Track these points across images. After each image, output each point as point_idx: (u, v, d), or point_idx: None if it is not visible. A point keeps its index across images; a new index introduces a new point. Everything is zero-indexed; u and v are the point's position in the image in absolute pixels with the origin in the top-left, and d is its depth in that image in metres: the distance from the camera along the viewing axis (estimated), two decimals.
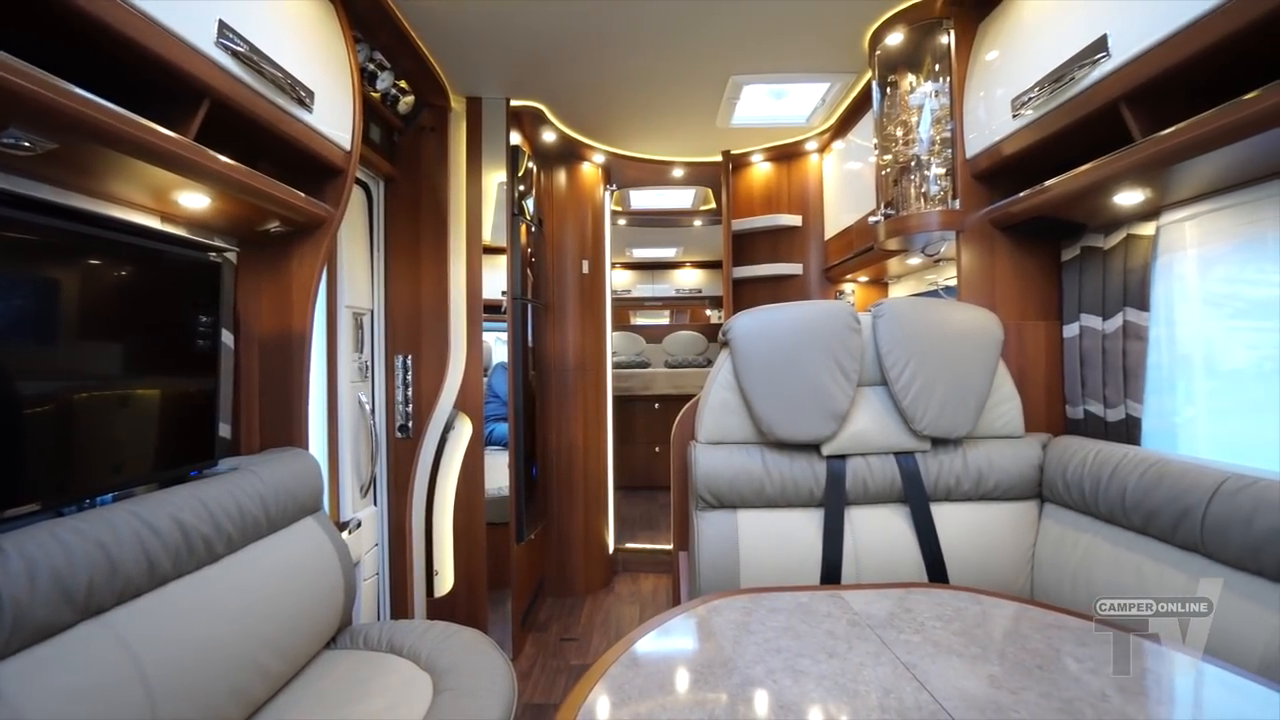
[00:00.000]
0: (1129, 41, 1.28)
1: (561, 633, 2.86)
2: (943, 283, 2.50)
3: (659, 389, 5.14)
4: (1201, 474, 1.23)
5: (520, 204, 2.82)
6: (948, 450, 1.60)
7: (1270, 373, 1.35)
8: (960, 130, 1.91)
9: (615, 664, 1.00)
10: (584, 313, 3.35)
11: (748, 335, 1.58)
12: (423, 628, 1.57)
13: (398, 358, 2.36)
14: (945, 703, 0.85)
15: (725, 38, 2.17)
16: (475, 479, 2.49)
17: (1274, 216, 1.32)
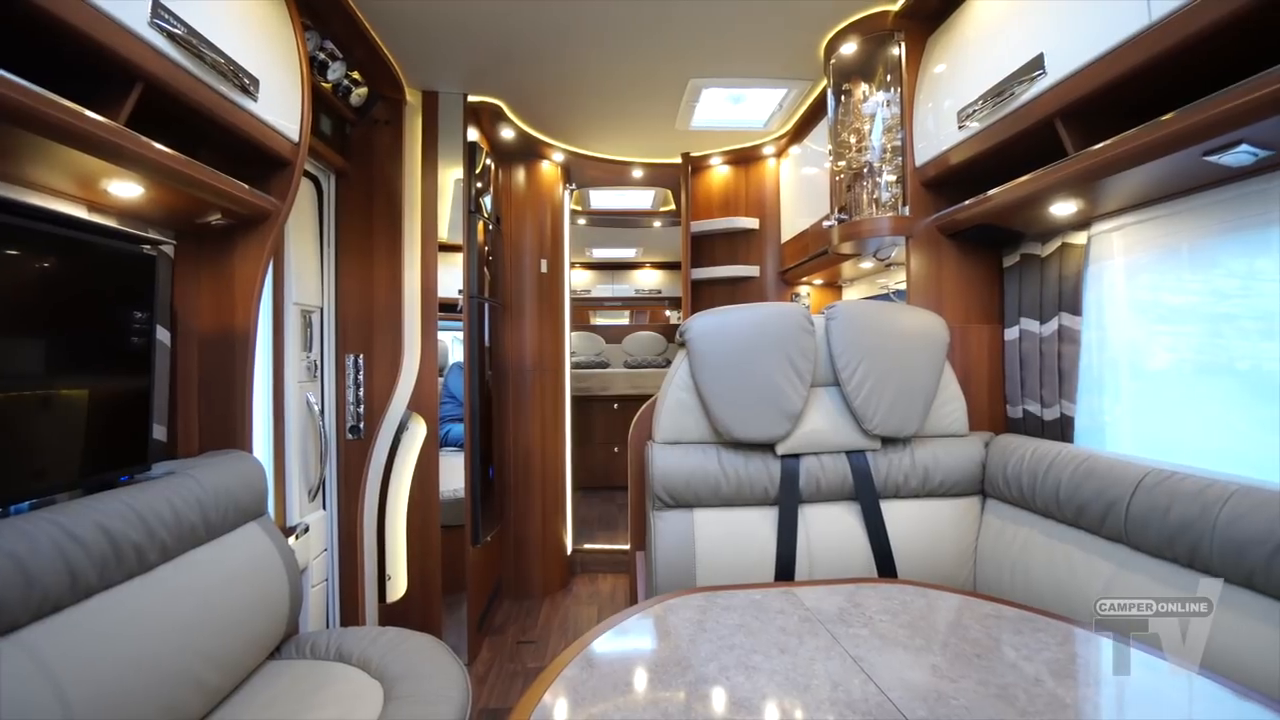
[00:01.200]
0: (1063, 61, 1.35)
1: (519, 635, 2.82)
2: (894, 286, 2.58)
3: (618, 389, 5.13)
4: (1126, 469, 1.31)
5: (478, 201, 2.77)
6: (897, 449, 1.65)
7: (1188, 374, 1.44)
8: (910, 139, 1.98)
9: (569, 666, 1.00)
10: (542, 312, 3.32)
11: (704, 336, 1.59)
12: (373, 634, 1.53)
13: (349, 357, 2.29)
14: (890, 693, 0.88)
15: (684, 40, 2.19)
16: (430, 481, 2.44)
17: (1188, 229, 1.41)
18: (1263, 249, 1.27)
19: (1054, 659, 1.00)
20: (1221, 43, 1.06)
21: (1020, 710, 0.84)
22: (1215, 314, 1.39)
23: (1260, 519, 1.03)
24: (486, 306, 2.90)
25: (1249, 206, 1.28)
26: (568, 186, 3.53)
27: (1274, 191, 1.23)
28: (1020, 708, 0.85)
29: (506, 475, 3.22)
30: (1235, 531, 1.06)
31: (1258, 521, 1.03)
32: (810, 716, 0.85)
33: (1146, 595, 1.20)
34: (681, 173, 3.31)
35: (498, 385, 3.16)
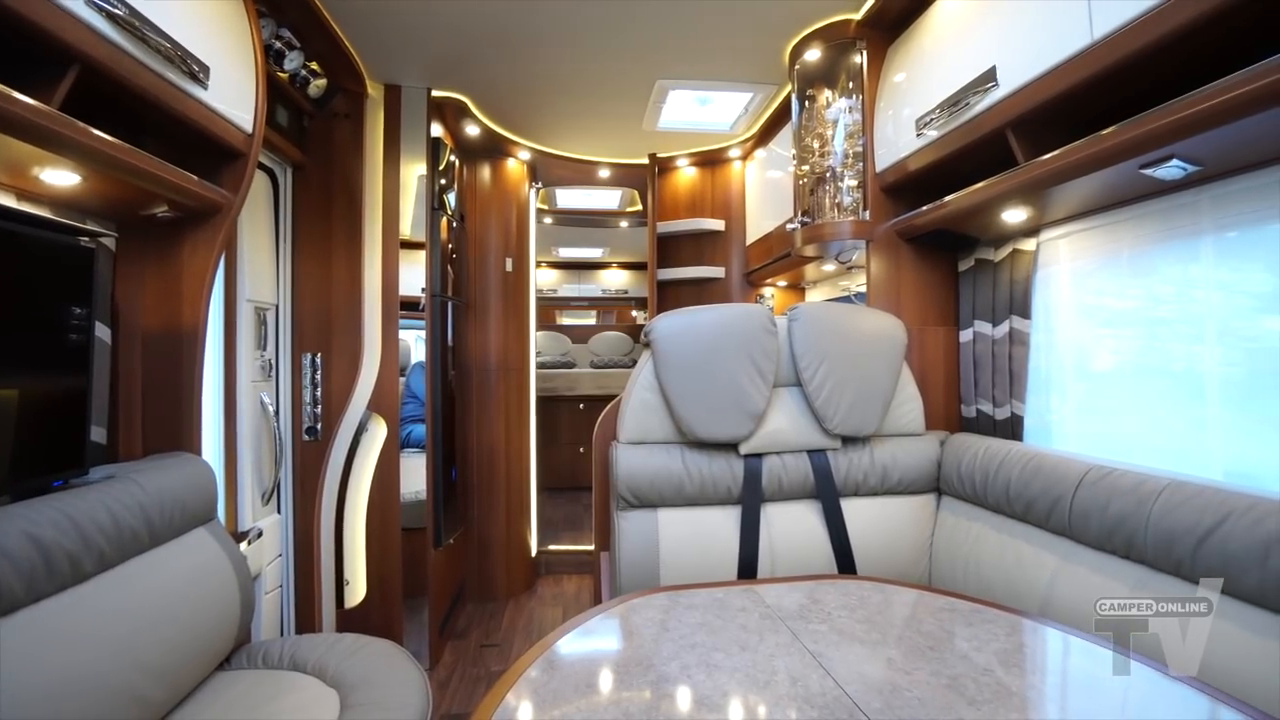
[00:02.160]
0: (1013, 74, 1.40)
1: (482, 639, 2.79)
2: (855, 289, 2.64)
3: (584, 389, 5.12)
4: (1069, 467, 1.36)
5: (441, 198, 2.73)
6: (856, 448, 1.69)
7: (1129, 375, 1.52)
8: (871, 145, 2.02)
9: (531, 668, 0.99)
10: (507, 312, 3.28)
11: (669, 337, 1.60)
12: (330, 641, 1.49)
13: (305, 356, 2.22)
14: (847, 687, 0.90)
15: (652, 42, 2.19)
16: (390, 483, 2.39)
17: (1128, 238, 1.48)
18: (1193, 257, 1.34)
19: (1002, 649, 1.04)
20: (1160, 61, 1.12)
21: (969, 699, 0.87)
22: (1153, 318, 1.46)
23: (1188, 511, 1.09)
24: (450, 305, 2.86)
25: (1181, 217, 1.35)
26: (534, 185, 3.50)
27: (1202, 204, 1.30)
28: (969, 697, 0.88)
29: (470, 476, 3.18)
30: (1167, 524, 1.12)
31: (1186, 514, 1.09)
32: (770, 712, 0.87)
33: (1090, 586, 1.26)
34: (648, 173, 3.32)
35: (461, 385, 3.12)
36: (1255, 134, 1.03)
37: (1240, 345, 1.27)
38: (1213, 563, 1.04)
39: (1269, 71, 0.90)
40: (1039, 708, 0.89)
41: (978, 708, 0.85)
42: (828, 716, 0.83)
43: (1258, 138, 1.06)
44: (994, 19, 1.49)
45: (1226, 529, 1.03)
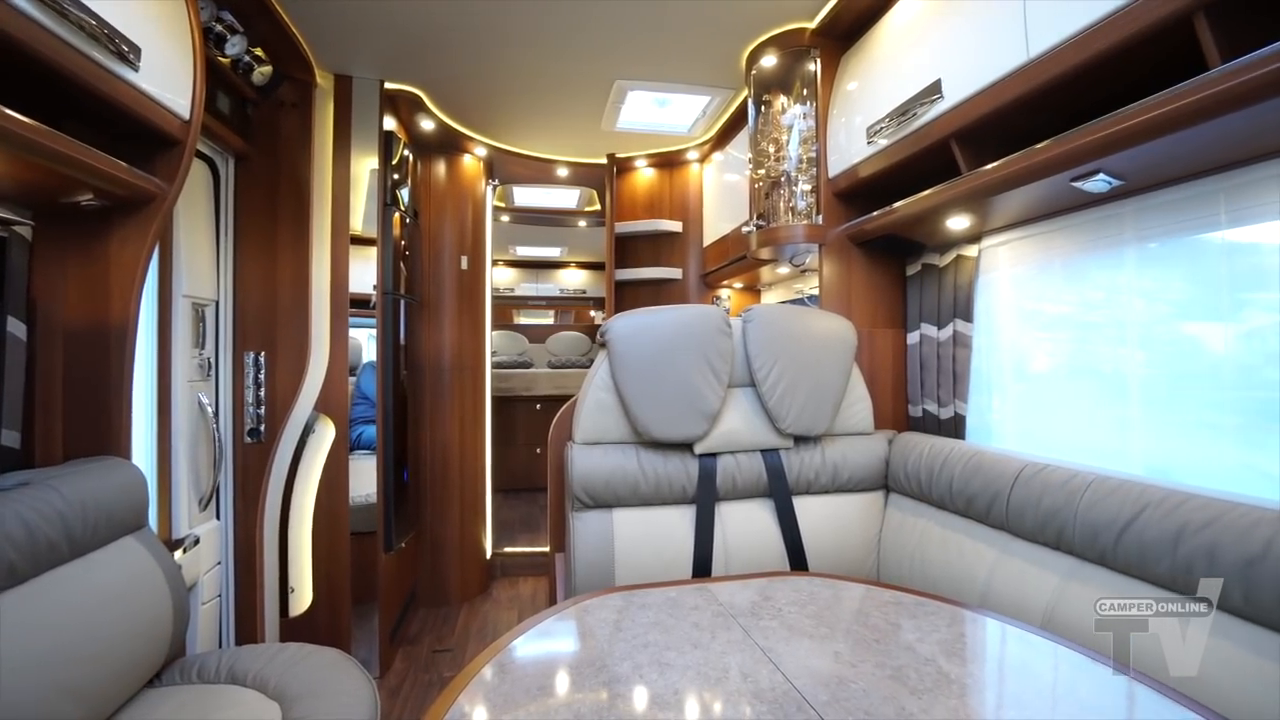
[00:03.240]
0: (957, 87, 1.46)
1: (435, 644, 2.73)
2: (808, 291, 2.69)
3: (541, 389, 5.07)
4: (1007, 464, 1.43)
5: (394, 193, 2.66)
6: (808, 447, 1.73)
7: (1063, 376, 1.60)
8: (824, 151, 2.07)
9: (482, 672, 0.97)
10: (462, 310, 3.22)
11: (624, 337, 1.60)
12: (272, 651, 1.43)
13: (248, 355, 2.13)
14: (795, 681, 0.92)
15: (611, 41, 2.19)
16: (338, 486, 2.31)
17: (1061, 246, 1.57)
18: (1118, 265, 1.42)
19: (943, 639, 1.08)
20: (1093, 79, 1.18)
21: (911, 689, 0.90)
22: (1085, 323, 1.54)
23: (1111, 504, 1.16)
24: (403, 303, 2.79)
25: (1107, 228, 1.43)
26: (490, 182, 3.45)
27: (1125, 215, 1.38)
28: (911, 686, 0.91)
29: (423, 478, 3.11)
30: (1092, 516, 1.19)
31: (1109, 507, 1.16)
32: (720, 709, 0.88)
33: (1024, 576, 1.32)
34: (607, 173, 3.32)
35: (414, 385, 3.05)
36: (1171, 152, 1.11)
37: (1160, 349, 1.35)
38: (1131, 551, 1.11)
39: (1180, 96, 0.96)
40: (976, 694, 0.93)
41: (919, 696, 0.88)
42: (776, 711, 0.85)
43: (1174, 155, 1.13)
44: (939, 34, 1.54)
45: (1144, 520, 1.10)
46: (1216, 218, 1.22)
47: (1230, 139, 1.05)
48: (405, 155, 2.81)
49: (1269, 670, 0.90)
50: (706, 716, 0.87)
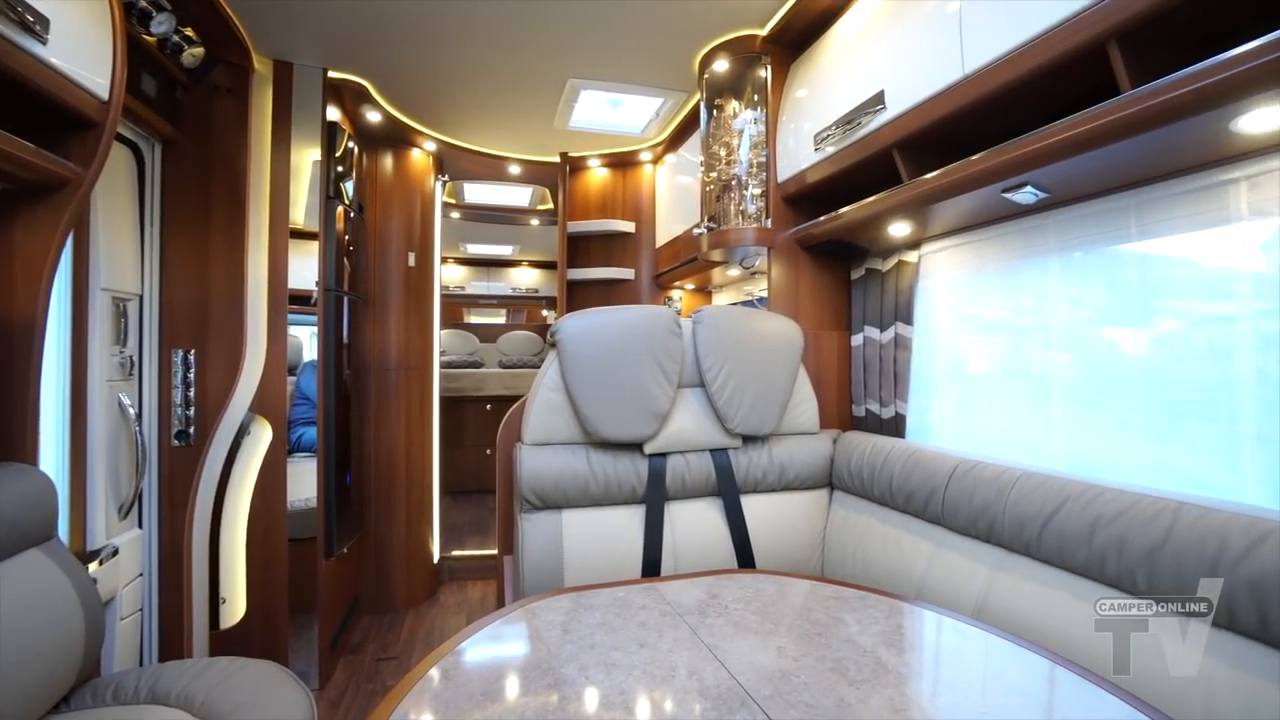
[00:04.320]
0: (899, 99, 1.52)
1: (379, 653, 2.65)
2: (758, 294, 2.74)
3: (491, 390, 4.99)
4: (943, 461, 1.49)
5: (338, 186, 2.57)
6: (756, 446, 1.76)
7: (997, 378, 1.68)
8: (773, 156, 2.11)
9: (424, 678, 0.95)
10: (410, 308, 3.14)
11: (575, 337, 1.59)
12: (199, 667, 1.35)
13: (176, 353, 2.01)
14: (739, 677, 0.93)
15: (564, 40, 2.18)
16: (275, 490, 2.21)
17: (995, 254, 1.65)
18: (1045, 273, 1.51)
19: (882, 631, 1.11)
20: (1028, 95, 1.24)
21: (850, 680, 0.93)
22: (1017, 327, 1.62)
23: (1036, 498, 1.23)
24: (346, 300, 2.69)
25: (1035, 238, 1.52)
26: (440, 178, 3.37)
27: (1050, 226, 1.47)
28: (850, 678, 0.93)
29: (367, 481, 3.01)
30: (1019, 510, 1.25)
31: (1034, 501, 1.23)
32: (665, 707, 0.88)
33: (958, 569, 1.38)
34: (560, 172, 3.29)
35: (358, 385, 2.94)
36: (1089, 168, 1.18)
37: (1082, 352, 1.44)
38: (1053, 542, 1.18)
39: (1095, 117, 1.03)
40: (911, 682, 0.96)
41: (857, 687, 0.91)
42: (721, 707, 0.86)
43: (1092, 171, 1.21)
44: (882, 47, 1.60)
45: (1064, 512, 1.16)
46: (1128, 230, 1.31)
47: (1139, 158, 1.13)
48: (350, 147, 2.72)
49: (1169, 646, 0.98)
50: (652, 715, 0.87)
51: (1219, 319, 1.18)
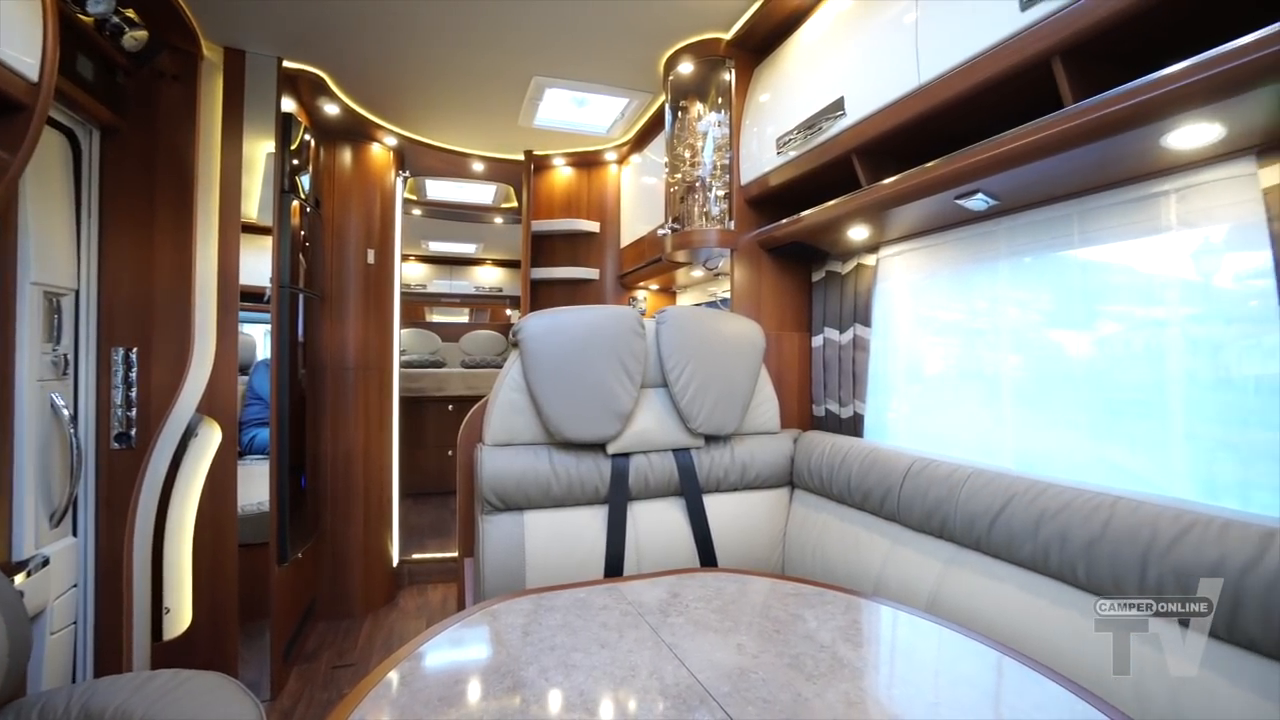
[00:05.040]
0: (859, 105, 1.55)
1: (335, 660, 2.57)
2: (721, 295, 2.77)
3: (453, 390, 4.91)
4: (898, 459, 1.53)
5: (293, 180, 2.49)
6: (718, 446, 1.77)
7: (952, 379, 1.73)
8: (737, 159, 2.14)
9: (380, 683, 0.93)
10: (369, 306, 3.06)
11: (537, 337, 1.58)
12: (139, 681, 1.29)
13: (116, 351, 1.91)
14: (699, 675, 0.94)
15: (529, 37, 2.16)
16: (225, 494, 2.13)
17: (948, 258, 1.70)
18: (996, 277, 1.56)
19: (839, 626, 1.14)
20: (983, 105, 1.28)
21: (808, 675, 0.94)
22: (971, 329, 1.68)
23: (985, 495, 1.27)
24: (302, 298, 2.61)
25: (986, 243, 1.57)
26: (401, 173, 3.30)
27: (1000, 233, 1.52)
28: (808, 673, 0.95)
29: (323, 484, 2.92)
30: (970, 506, 1.30)
31: (984, 497, 1.27)
32: (626, 707, 0.88)
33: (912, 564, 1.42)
34: (524, 170, 3.26)
35: (314, 385, 2.86)
36: (1036, 177, 1.23)
37: (1031, 354, 1.50)
38: (1001, 537, 1.22)
39: (1041, 128, 1.07)
40: (867, 676, 0.99)
41: (814, 681, 0.93)
42: (680, 705, 0.86)
43: (1039, 180, 1.26)
44: (843, 54, 1.63)
45: (1012, 508, 1.21)
46: (1071, 238, 1.37)
47: (1081, 169, 1.18)
48: (306, 140, 2.64)
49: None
50: (613, 716, 0.87)
51: (1153, 323, 1.24)
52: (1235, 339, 1.11)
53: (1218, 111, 0.91)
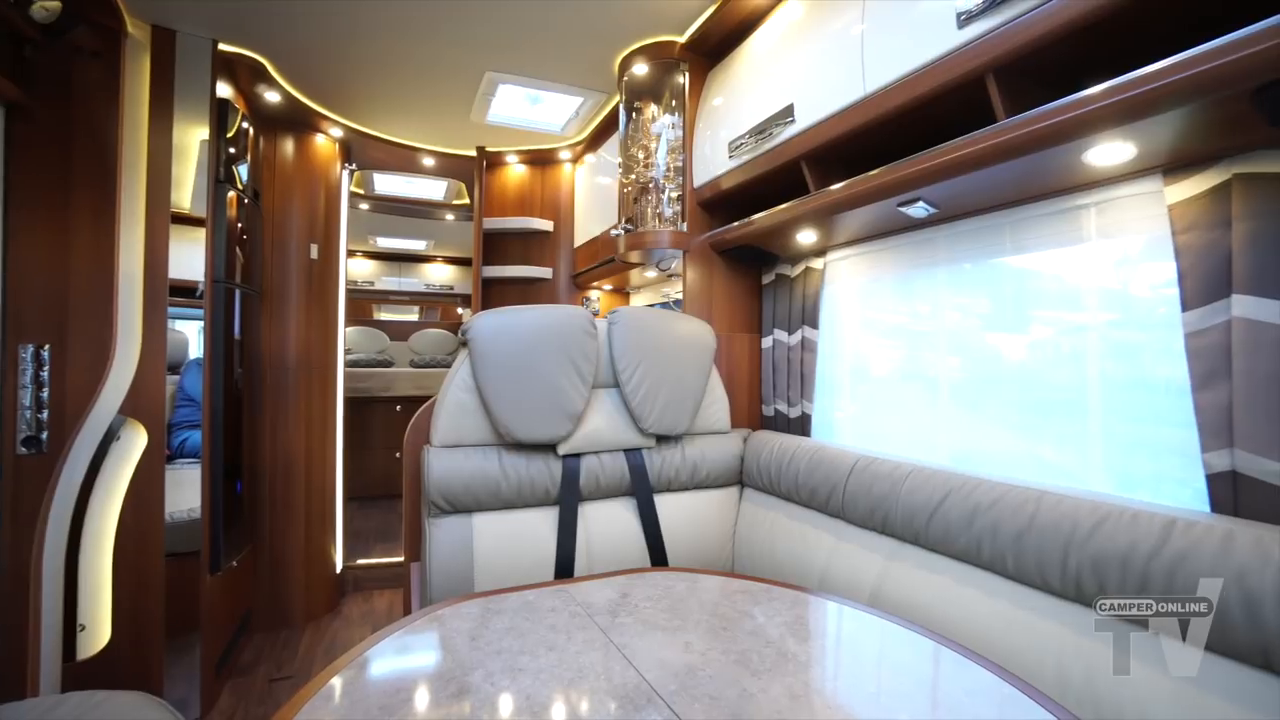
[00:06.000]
0: (808, 112, 1.59)
1: (273, 672, 2.46)
2: (674, 295, 2.79)
3: (402, 390, 4.77)
4: (843, 458, 1.58)
5: (230, 169, 2.37)
6: (670, 445, 1.78)
7: (897, 380, 1.79)
8: (690, 161, 2.16)
9: (318, 693, 0.89)
10: (311, 303, 2.94)
11: (487, 336, 1.55)
12: (48, 705, 1.20)
13: (24, 348, 1.78)
14: (647, 674, 0.94)
15: (482, 31, 2.12)
16: (150, 501, 2.01)
17: (891, 264, 1.76)
18: (937, 282, 1.63)
19: (785, 622, 1.16)
20: (928, 115, 1.33)
21: (753, 670, 0.96)
22: (912, 332, 1.74)
23: (925, 491, 1.32)
24: (238, 293, 2.49)
25: (927, 250, 1.64)
26: (347, 166, 3.19)
27: (940, 240, 1.59)
28: (753, 668, 0.97)
29: (260, 488, 2.79)
30: (910, 502, 1.35)
31: (923, 493, 1.32)
32: (572, 709, 0.87)
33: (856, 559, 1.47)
34: (476, 166, 3.20)
35: (252, 385, 2.73)
36: (973, 187, 1.29)
37: (969, 356, 1.57)
38: (938, 531, 1.27)
39: (975, 141, 1.13)
40: (811, 669, 1.01)
41: (759, 676, 0.94)
42: (628, 705, 0.86)
43: (975, 190, 1.32)
44: (793, 62, 1.67)
45: (949, 503, 1.26)
46: (1004, 246, 1.44)
47: (1013, 180, 1.25)
48: (244, 128, 2.52)
49: (1036, 623, 1.09)
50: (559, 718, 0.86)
51: (1078, 328, 1.32)
52: (1149, 343, 1.19)
53: (1130, 132, 0.97)
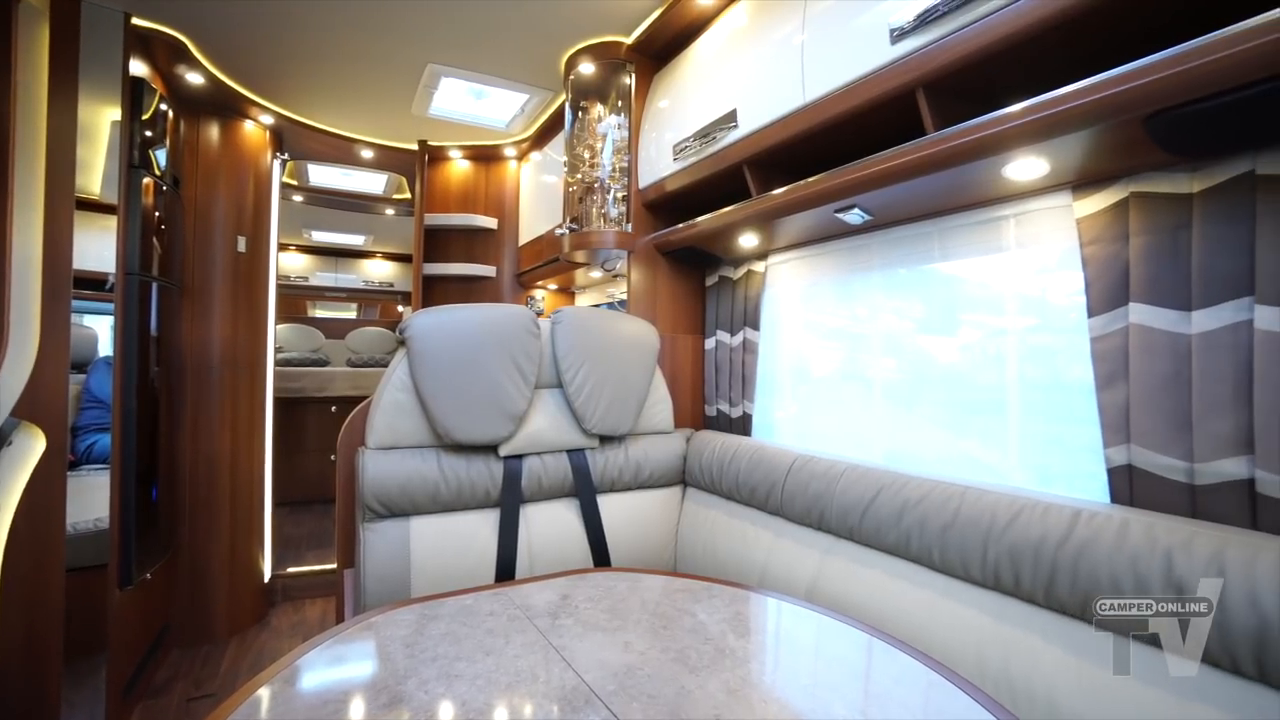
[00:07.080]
0: (750, 118, 1.62)
1: (191, 691, 2.31)
2: (619, 296, 2.79)
3: (338, 390, 4.58)
4: (782, 457, 1.62)
5: (145, 154, 2.21)
6: (613, 446, 1.78)
7: (837, 380, 1.84)
8: (635, 162, 2.16)
9: (239, 710, 0.84)
10: (238, 299, 2.78)
11: (426, 335, 1.51)
12: None
13: None
14: (585, 675, 0.94)
15: (424, 21, 2.06)
16: (49, 511, 1.85)
17: (829, 268, 1.82)
18: (871, 287, 1.69)
19: (724, 619, 1.18)
20: (867, 124, 1.37)
21: (691, 667, 0.97)
22: (849, 334, 1.80)
23: (859, 489, 1.37)
24: (155, 287, 2.33)
25: (863, 255, 1.70)
26: (279, 155, 3.04)
27: (875, 246, 1.65)
28: (691, 665, 0.98)
29: (180, 494, 2.62)
30: (844, 499, 1.39)
31: (857, 491, 1.37)
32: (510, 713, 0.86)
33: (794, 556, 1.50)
34: (418, 160, 3.12)
35: (171, 385, 2.56)
36: (905, 196, 1.35)
37: (904, 358, 1.63)
38: (870, 527, 1.32)
39: (905, 153, 1.18)
40: (749, 664, 1.03)
41: (697, 673, 0.95)
42: (566, 707, 0.86)
43: (907, 198, 1.37)
44: (737, 68, 1.70)
45: (880, 500, 1.31)
46: (933, 253, 1.51)
47: (940, 191, 1.31)
48: (162, 110, 2.36)
49: (962, 613, 1.14)
50: None
51: (1001, 331, 1.40)
52: (1063, 347, 1.28)
53: (1043, 149, 1.04)
